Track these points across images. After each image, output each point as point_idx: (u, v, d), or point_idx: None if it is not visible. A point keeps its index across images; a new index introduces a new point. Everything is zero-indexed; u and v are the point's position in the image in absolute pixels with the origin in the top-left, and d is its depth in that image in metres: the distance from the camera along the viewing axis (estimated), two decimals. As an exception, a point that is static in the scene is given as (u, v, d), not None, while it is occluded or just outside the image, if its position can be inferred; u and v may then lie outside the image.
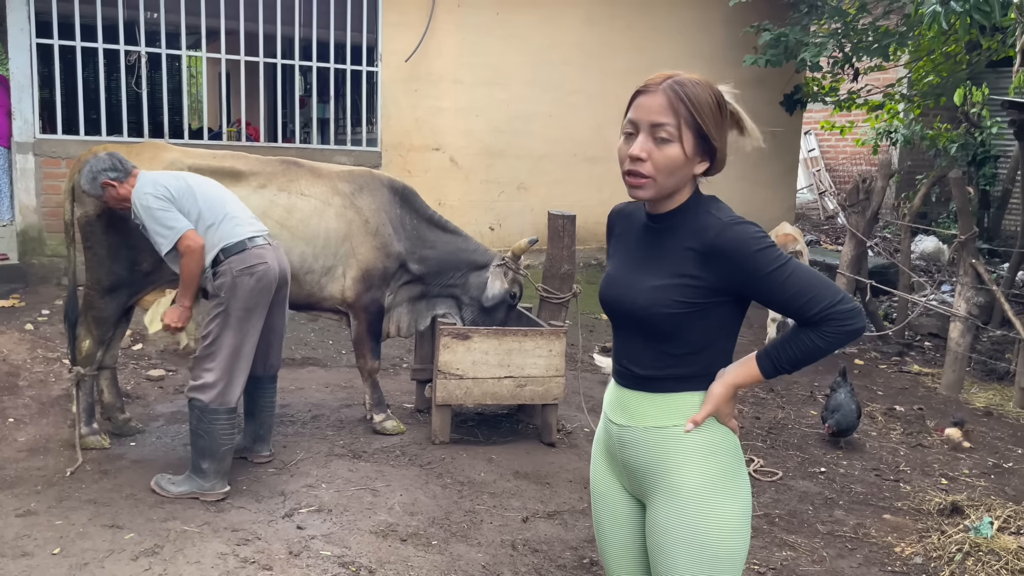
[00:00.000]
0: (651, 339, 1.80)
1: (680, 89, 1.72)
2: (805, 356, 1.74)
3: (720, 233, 1.71)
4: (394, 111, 8.03)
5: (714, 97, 1.74)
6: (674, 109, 1.71)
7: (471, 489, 3.95)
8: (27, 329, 5.70)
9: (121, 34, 6.82)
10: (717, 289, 1.74)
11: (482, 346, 4.39)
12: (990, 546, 3.55)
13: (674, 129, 1.71)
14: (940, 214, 11.28)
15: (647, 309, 1.77)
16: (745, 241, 1.70)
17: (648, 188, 1.77)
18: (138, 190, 3.59)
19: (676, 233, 1.79)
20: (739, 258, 1.70)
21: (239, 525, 3.43)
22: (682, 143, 1.72)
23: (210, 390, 3.56)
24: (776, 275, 1.69)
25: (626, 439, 1.86)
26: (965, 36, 6.65)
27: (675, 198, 1.80)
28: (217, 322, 3.56)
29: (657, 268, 1.79)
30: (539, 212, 8.30)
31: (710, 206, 1.79)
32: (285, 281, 3.79)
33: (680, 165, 1.74)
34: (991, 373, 6.78)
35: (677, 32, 9.36)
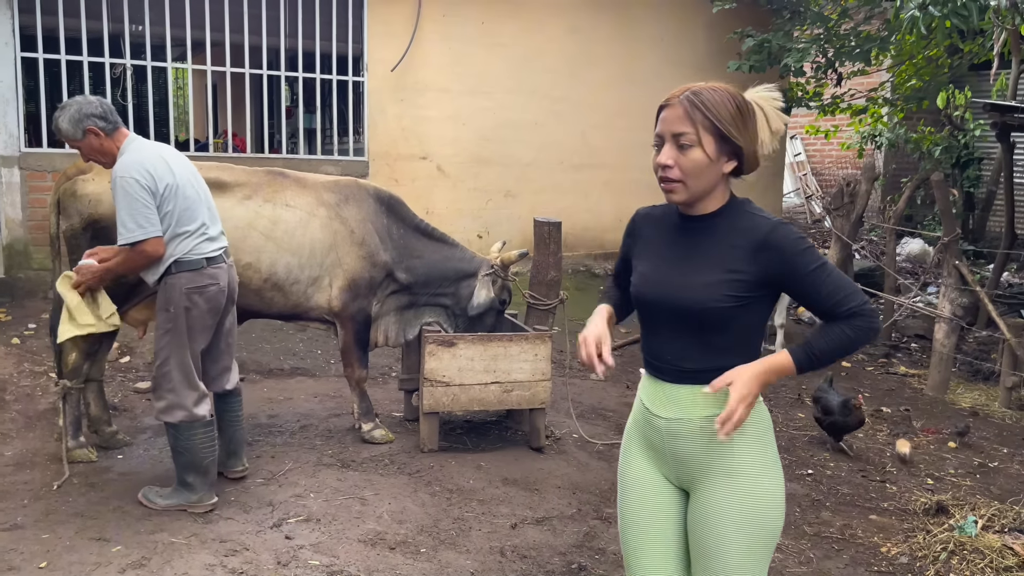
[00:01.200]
0: (700, 333, 1.91)
1: (695, 98, 1.87)
2: (838, 348, 1.86)
3: (771, 232, 1.86)
4: (380, 120, 8.06)
5: (733, 100, 1.88)
6: (691, 117, 1.86)
7: (460, 496, 3.95)
8: (13, 343, 5.68)
9: (106, 47, 6.82)
10: (762, 283, 1.88)
11: (468, 352, 4.40)
12: (975, 545, 3.58)
13: (694, 135, 1.86)
14: (925, 216, 11.37)
15: (700, 304, 1.88)
16: (793, 241, 1.86)
17: (681, 192, 1.91)
18: (124, 166, 3.41)
19: (721, 232, 1.92)
20: (786, 256, 1.85)
21: (227, 536, 3.42)
22: (703, 146, 1.86)
23: (178, 410, 3.54)
24: (817, 274, 1.85)
25: (677, 431, 1.95)
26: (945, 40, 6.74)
27: (713, 200, 1.94)
28: (167, 340, 3.51)
29: (704, 266, 1.90)
30: (526, 219, 8.32)
31: (751, 207, 1.95)
32: (232, 299, 3.75)
33: (705, 167, 1.87)
34: (977, 374, 6.83)
35: (660, 39, 9.42)
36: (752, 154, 1.91)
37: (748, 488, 1.90)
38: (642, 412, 2.06)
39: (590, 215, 9.33)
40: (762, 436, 1.94)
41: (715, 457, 1.91)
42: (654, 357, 2.01)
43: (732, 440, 1.88)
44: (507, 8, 8.53)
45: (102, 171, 3.99)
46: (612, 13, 9.10)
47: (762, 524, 1.90)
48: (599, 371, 1.98)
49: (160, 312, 3.56)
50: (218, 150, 9.30)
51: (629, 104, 9.29)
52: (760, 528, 1.90)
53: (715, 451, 1.91)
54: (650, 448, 2.05)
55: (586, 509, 3.90)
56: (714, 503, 1.91)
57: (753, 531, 1.90)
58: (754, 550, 1.91)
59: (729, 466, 1.91)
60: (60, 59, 6.68)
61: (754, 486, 1.90)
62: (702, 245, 1.92)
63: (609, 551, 3.51)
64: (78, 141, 3.53)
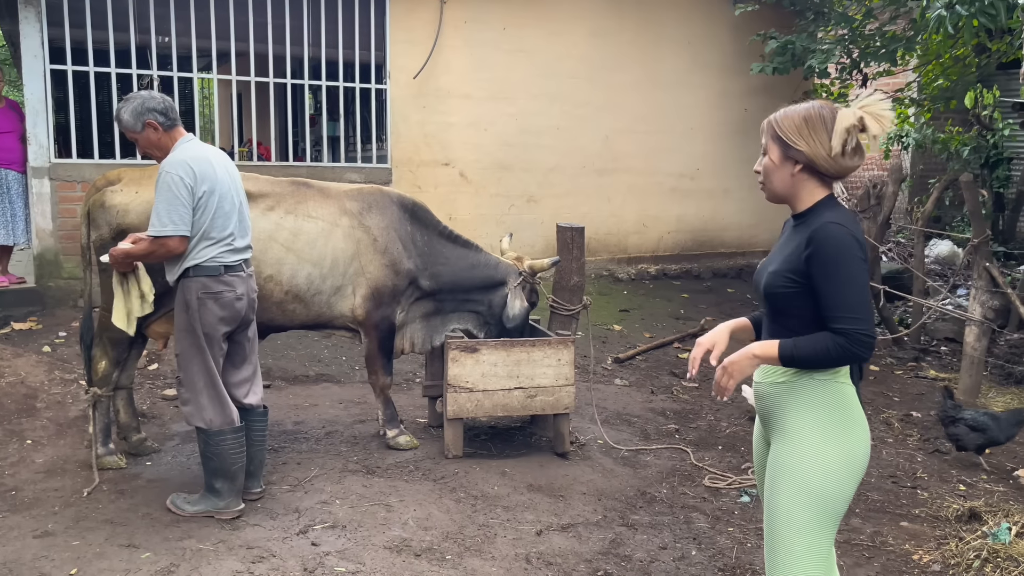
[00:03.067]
0: (774, 314, 2.26)
1: (775, 116, 2.25)
2: (817, 356, 2.10)
3: (819, 228, 2.11)
4: (403, 127, 8.09)
5: (805, 113, 2.18)
6: (767, 131, 2.27)
7: (485, 503, 3.95)
8: (44, 351, 5.77)
9: (133, 58, 6.92)
10: (807, 276, 2.13)
11: (490, 358, 4.40)
12: (1008, 552, 3.51)
13: (765, 145, 2.28)
14: (954, 218, 11.20)
15: (767, 288, 2.23)
16: (831, 241, 2.08)
17: (764, 190, 2.31)
18: (172, 162, 3.49)
19: (801, 228, 2.20)
20: (819, 252, 2.09)
21: (254, 543, 3.45)
22: (769, 153, 2.25)
23: (206, 412, 3.57)
24: (832, 282, 2.08)
25: (760, 392, 2.31)
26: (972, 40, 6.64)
27: (801, 201, 2.24)
28: (188, 341, 3.57)
29: (779, 256, 2.24)
30: (549, 225, 8.32)
31: (827, 207, 2.19)
32: (252, 308, 3.77)
33: (772, 170, 2.25)
34: (1008, 377, 6.71)
35: (684, 42, 9.38)
36: (824, 158, 2.15)
37: (800, 449, 2.17)
38: None
39: (613, 220, 9.30)
40: (823, 408, 2.16)
41: (779, 417, 2.24)
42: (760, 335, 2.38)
43: (792, 405, 2.19)
44: (529, 13, 8.54)
45: (130, 182, 4.06)
46: (634, 17, 9.08)
47: (809, 484, 2.14)
48: (692, 371, 2.28)
49: (179, 312, 3.61)
50: (243, 159, 9.39)
51: (652, 108, 9.26)
52: (806, 487, 2.14)
53: (780, 411, 2.23)
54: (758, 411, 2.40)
55: (612, 516, 3.88)
56: (774, 456, 2.24)
57: (799, 489, 2.15)
58: (798, 505, 2.15)
59: (788, 427, 2.21)
60: (88, 71, 6.79)
61: (806, 448, 2.16)
62: (789, 240, 2.25)
63: (635, 558, 3.49)
64: (137, 133, 3.59)
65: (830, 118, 2.15)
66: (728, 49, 9.57)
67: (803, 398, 2.18)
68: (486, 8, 8.30)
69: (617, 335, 7.31)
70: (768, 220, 9.99)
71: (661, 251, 9.68)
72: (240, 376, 3.83)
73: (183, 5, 7.05)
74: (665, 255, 9.69)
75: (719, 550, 3.60)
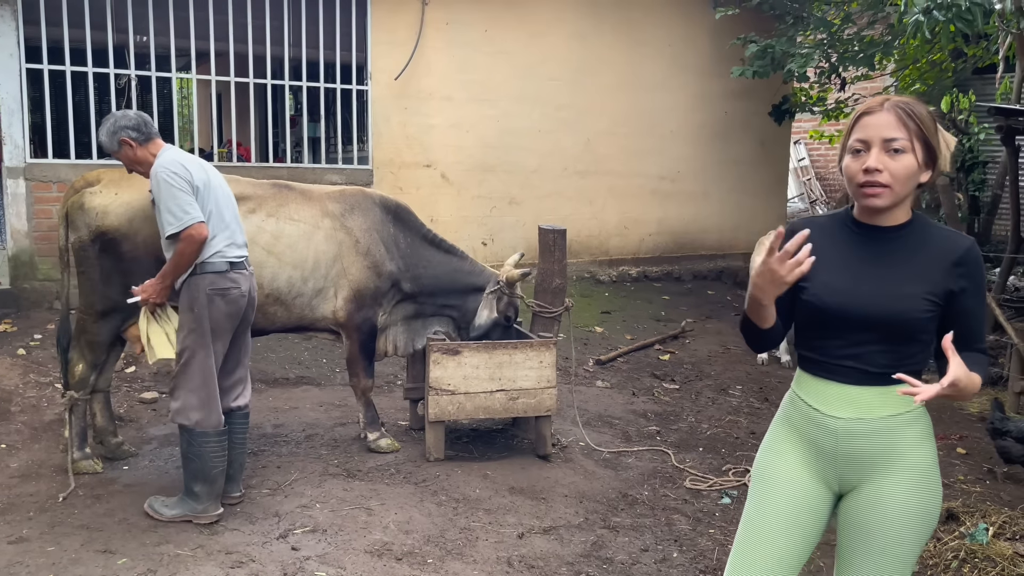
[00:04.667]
0: (892, 340, 1.95)
1: (905, 107, 1.93)
2: (983, 375, 1.90)
3: (972, 247, 1.95)
4: (385, 129, 8.06)
5: (931, 114, 1.95)
6: (904, 124, 1.91)
7: (466, 506, 3.94)
8: (19, 354, 5.68)
9: (111, 57, 6.84)
10: (948, 295, 1.95)
11: (472, 360, 4.39)
12: (986, 552, 3.54)
13: (906, 141, 1.90)
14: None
15: (900, 314, 1.93)
16: (982, 262, 1.98)
17: (886, 196, 1.93)
18: (163, 162, 3.53)
19: (917, 244, 1.97)
20: (975, 273, 1.95)
21: (233, 547, 3.41)
22: (915, 153, 1.91)
23: (194, 412, 3.55)
24: (981, 302, 1.98)
25: (856, 431, 2.00)
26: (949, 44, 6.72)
27: (902, 211, 1.98)
28: (190, 341, 3.55)
29: (904, 277, 1.95)
30: (531, 226, 8.31)
31: (932, 221, 2.03)
32: (253, 306, 3.78)
33: (913, 173, 1.92)
34: (984, 378, 6.79)
35: (664, 46, 9.43)
36: (940, 170, 1.98)
37: (923, 482, 1.98)
38: (806, 414, 2.08)
39: (595, 222, 9.32)
40: (929, 434, 2.03)
41: (894, 454, 1.99)
42: (831, 360, 2.03)
43: (912, 439, 1.99)
44: (510, 16, 8.54)
45: (110, 183, 4.02)
46: (615, 20, 9.10)
47: (931, 516, 2.00)
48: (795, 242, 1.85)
49: (184, 312, 3.58)
50: (223, 160, 9.31)
51: (633, 110, 9.29)
52: (929, 520, 2.00)
53: (895, 449, 1.99)
54: (814, 450, 2.08)
55: (593, 518, 3.88)
56: (890, 497, 1.99)
57: (923, 523, 1.99)
58: (920, 541, 2.01)
59: (911, 463, 1.98)
60: (65, 70, 6.70)
61: (927, 480, 1.99)
62: (897, 256, 1.96)
63: (617, 560, 3.49)
64: (116, 152, 3.66)
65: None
66: (708, 53, 9.62)
67: (917, 429, 2.00)
68: (468, 10, 8.29)
69: (598, 337, 7.32)
70: (748, 222, 10.05)
71: (642, 253, 9.71)
72: (234, 379, 3.81)
73: (162, 4, 6.98)
74: (646, 257, 9.72)
75: (700, 552, 3.61)
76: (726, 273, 10.09)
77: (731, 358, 7.04)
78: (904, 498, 1.98)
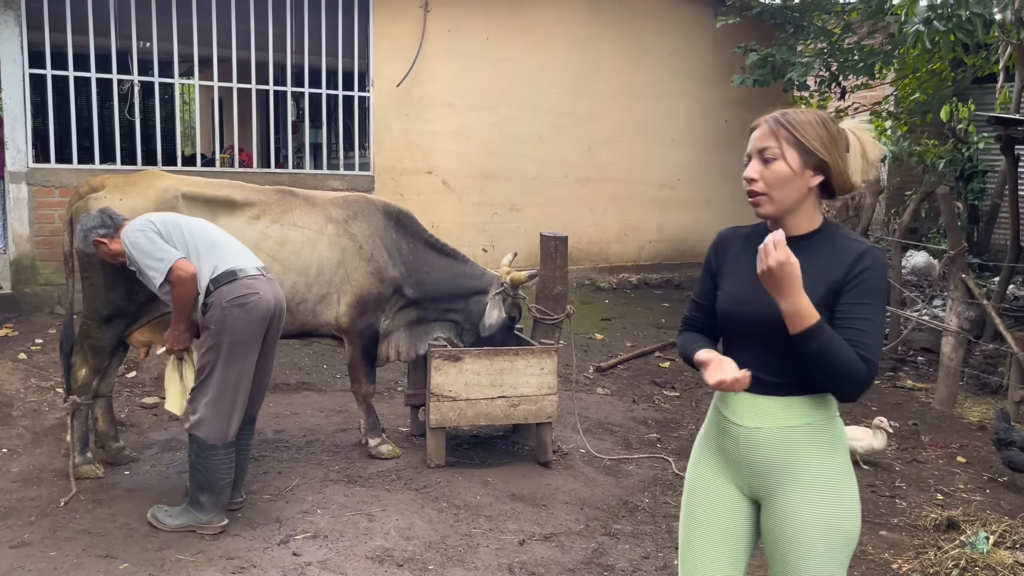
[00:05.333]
0: (786, 349, 1.91)
1: (780, 117, 1.98)
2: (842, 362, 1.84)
3: (869, 251, 1.93)
4: (386, 135, 8.09)
5: (820, 119, 1.96)
6: (774, 133, 1.96)
7: (467, 512, 3.94)
8: (20, 359, 5.69)
9: (114, 63, 6.87)
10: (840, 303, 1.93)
11: (474, 367, 4.40)
12: (986, 561, 3.55)
13: (777, 149, 1.95)
14: (930, 229, 11.35)
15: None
16: (881, 267, 1.93)
17: (766, 203, 1.98)
18: (126, 233, 3.58)
19: (819, 253, 1.97)
20: (870, 277, 1.91)
21: (234, 553, 3.41)
22: (785, 158, 1.94)
23: (205, 425, 3.52)
24: (865, 308, 1.90)
25: (757, 439, 2.00)
26: (949, 54, 6.75)
27: (804, 219, 1.99)
28: (209, 356, 3.51)
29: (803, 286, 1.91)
30: (531, 233, 8.33)
31: (846, 231, 2.01)
32: (281, 314, 3.71)
33: (788, 178, 1.95)
34: (984, 387, 6.80)
35: (665, 54, 9.46)
36: (840, 172, 1.96)
37: (828, 495, 1.96)
38: (718, 421, 2.11)
39: (595, 229, 9.34)
40: (838, 447, 2.00)
41: (794, 465, 1.97)
42: None
43: (811, 450, 1.97)
44: (512, 23, 8.58)
45: (114, 189, 4.04)
46: (617, 28, 9.14)
47: (842, 529, 1.96)
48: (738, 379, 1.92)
49: (204, 331, 3.57)
50: (224, 165, 9.33)
51: (634, 118, 9.32)
52: (839, 533, 1.96)
53: (794, 460, 1.97)
54: (723, 457, 2.10)
55: (594, 525, 3.89)
56: (795, 510, 1.97)
57: (833, 536, 1.96)
58: (834, 555, 1.96)
59: (810, 474, 1.97)
60: (68, 75, 6.73)
61: (833, 493, 1.96)
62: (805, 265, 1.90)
63: (618, 567, 3.49)
64: (96, 254, 3.73)
65: (846, 133, 1.98)
66: (709, 61, 9.66)
67: (823, 440, 1.98)
68: (469, 18, 8.33)
69: (599, 344, 7.33)
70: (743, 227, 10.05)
71: (642, 260, 9.73)
72: (259, 392, 3.81)
73: (165, 10, 7.01)
74: (646, 264, 9.73)
75: (701, 559, 3.61)
76: (726, 281, 10.09)
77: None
78: (808, 511, 1.96)
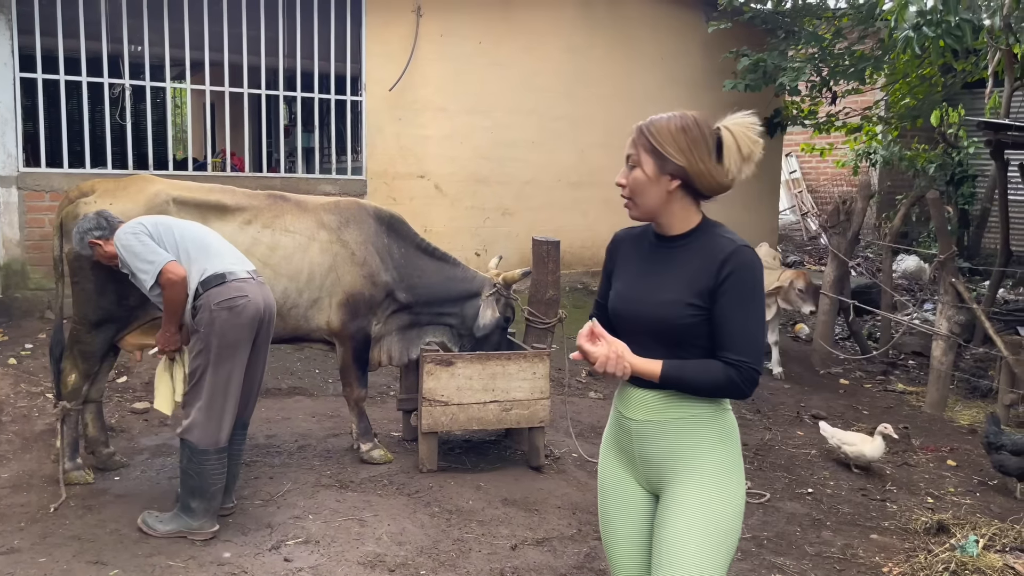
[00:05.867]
0: (668, 345, 2.01)
1: (644, 125, 2.04)
2: (705, 385, 1.96)
3: (734, 251, 1.96)
4: (379, 139, 8.08)
5: (679, 124, 1.99)
6: (636, 141, 2.05)
7: (459, 517, 3.94)
8: (10, 364, 5.66)
9: (105, 67, 6.84)
10: (712, 301, 1.98)
11: (466, 371, 4.40)
12: (976, 564, 3.57)
13: (636, 156, 2.04)
14: (921, 233, 11.41)
15: (667, 320, 2.00)
16: (749, 266, 1.96)
17: (632, 208, 2.09)
18: (118, 236, 3.58)
19: (691, 252, 2.03)
20: (731, 276, 1.95)
21: (225, 559, 3.40)
22: (641, 166, 2.02)
23: (197, 430, 3.50)
24: (736, 310, 1.95)
25: (646, 432, 2.07)
26: (939, 60, 6.79)
27: (678, 221, 2.05)
28: (199, 360, 3.51)
29: (672, 284, 2.02)
30: (524, 237, 8.33)
31: (722, 230, 2.05)
32: (271, 318, 3.70)
33: (644, 185, 2.03)
34: (974, 391, 6.84)
35: (657, 58, 9.48)
36: (702, 175, 1.98)
37: (710, 488, 2.00)
38: (615, 417, 2.19)
39: (588, 233, 9.34)
40: (725, 440, 2.05)
41: (681, 458, 2.03)
42: None
43: (696, 443, 2.02)
44: (505, 28, 8.58)
45: (104, 193, 4.03)
46: (609, 33, 9.16)
47: (722, 524, 1.99)
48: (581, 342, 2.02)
49: (192, 335, 3.57)
50: (216, 169, 9.31)
51: (627, 122, 9.19)
52: (719, 527, 1.99)
53: (681, 452, 2.03)
54: (622, 451, 2.17)
55: (586, 529, 3.89)
56: (679, 500, 2.01)
57: (713, 530, 1.98)
58: (711, 548, 1.98)
59: (695, 467, 2.02)
60: (59, 79, 6.70)
61: (715, 487, 2.01)
62: (671, 264, 2.05)
63: (609, 572, 3.49)
64: (92, 256, 3.72)
65: (708, 132, 1.98)
66: (701, 65, 9.68)
67: (709, 433, 2.02)
68: (462, 22, 8.33)
69: (591, 348, 7.33)
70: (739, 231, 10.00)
71: (635, 265, 9.72)
72: (251, 396, 3.80)
73: (156, 15, 7.00)
74: (639, 269, 9.73)
75: (693, 564, 3.61)
76: (718, 285, 10.13)
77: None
78: (689, 501, 2.00)
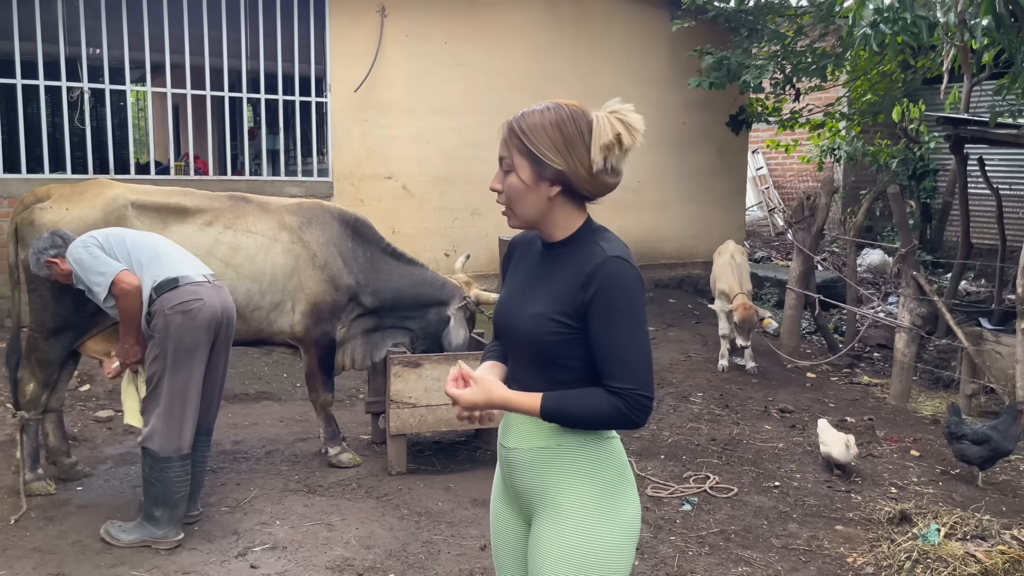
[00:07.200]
0: (538, 365, 1.78)
1: (517, 121, 1.76)
2: (586, 416, 1.73)
3: (602, 263, 1.71)
4: (345, 141, 8.03)
5: (556, 121, 1.72)
6: (507, 141, 1.76)
7: (428, 519, 3.93)
8: (-31, 374, 5.54)
9: (63, 71, 6.73)
10: (583, 319, 1.73)
11: (434, 373, 4.39)
12: (938, 553, 3.63)
13: (509, 160, 1.76)
14: (885, 227, 11.58)
15: (531, 336, 1.77)
16: (620, 279, 1.70)
17: (511, 218, 1.81)
18: (70, 251, 3.53)
19: (565, 262, 1.78)
20: (605, 293, 1.69)
21: (190, 567, 3.36)
22: (517, 171, 1.75)
23: (158, 437, 3.46)
24: (611, 330, 1.70)
25: (515, 461, 1.84)
26: (896, 56, 6.90)
27: (558, 227, 1.80)
28: (156, 366, 3.46)
29: (543, 295, 1.77)
30: (492, 237, 8.33)
31: (600, 236, 1.78)
32: (229, 322, 3.66)
33: (521, 192, 1.76)
34: (937, 382, 6.96)
35: (622, 57, 9.53)
36: (584, 178, 1.73)
37: (573, 529, 1.76)
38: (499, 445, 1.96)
39: (556, 232, 9.37)
40: (596, 472, 1.80)
41: (544, 491, 1.80)
42: (508, 383, 1.85)
43: (560, 477, 1.78)
44: (470, 28, 8.58)
45: (60, 199, 3.98)
46: (574, 32, 9.19)
47: (586, 569, 1.76)
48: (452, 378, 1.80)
49: (148, 340, 3.52)
50: (180, 173, 9.20)
51: (592, 121, 9.36)
52: (588, 564, 1.76)
53: (544, 485, 1.80)
54: (502, 483, 1.97)
55: (555, 528, 3.89)
56: (540, 538, 1.80)
57: (580, 568, 1.75)
58: None
59: (556, 503, 1.79)
60: (16, 83, 6.58)
61: (580, 528, 1.76)
62: (546, 275, 1.80)
63: (579, 570, 3.50)
64: (49, 276, 3.65)
65: (585, 128, 1.72)
66: (666, 64, 9.75)
67: (576, 465, 1.78)
68: (427, 22, 8.31)
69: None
70: (707, 231, 10.18)
71: (604, 263, 9.76)
72: (212, 401, 3.74)
73: (115, 17, 6.89)
74: (608, 267, 9.77)
75: (661, 559, 3.64)
76: (687, 281, 10.21)
77: (692, 366, 7.11)
78: (545, 541, 1.79)
